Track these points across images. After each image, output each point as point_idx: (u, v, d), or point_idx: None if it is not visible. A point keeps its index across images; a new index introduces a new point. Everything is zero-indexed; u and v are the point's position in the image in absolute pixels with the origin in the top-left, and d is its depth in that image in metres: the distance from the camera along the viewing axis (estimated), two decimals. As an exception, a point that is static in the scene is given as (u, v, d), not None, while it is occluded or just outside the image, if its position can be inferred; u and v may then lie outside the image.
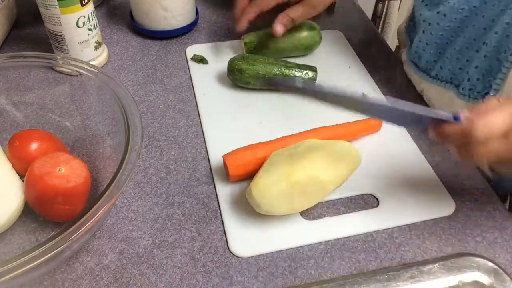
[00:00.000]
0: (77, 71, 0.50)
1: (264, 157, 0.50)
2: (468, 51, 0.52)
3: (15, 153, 0.49)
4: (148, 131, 0.58)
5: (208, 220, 0.49)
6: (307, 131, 0.55)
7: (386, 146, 0.57)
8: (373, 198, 0.52)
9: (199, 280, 0.44)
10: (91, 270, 0.45)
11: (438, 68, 0.58)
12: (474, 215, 0.50)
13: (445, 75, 0.57)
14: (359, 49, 0.72)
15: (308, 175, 0.45)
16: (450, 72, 0.56)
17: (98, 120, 0.53)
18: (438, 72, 0.58)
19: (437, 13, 0.53)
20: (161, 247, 0.47)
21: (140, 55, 0.70)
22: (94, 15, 0.63)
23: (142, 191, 0.52)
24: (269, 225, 0.48)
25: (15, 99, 0.54)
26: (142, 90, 0.64)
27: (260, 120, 0.60)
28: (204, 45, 0.72)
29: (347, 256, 0.46)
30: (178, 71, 0.68)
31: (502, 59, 0.49)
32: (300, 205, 0.47)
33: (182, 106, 0.62)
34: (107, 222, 0.48)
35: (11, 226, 0.46)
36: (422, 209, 0.51)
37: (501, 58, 0.50)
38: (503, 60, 0.49)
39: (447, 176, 0.54)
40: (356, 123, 0.57)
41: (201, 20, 0.77)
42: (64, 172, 0.44)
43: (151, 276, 0.44)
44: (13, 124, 0.53)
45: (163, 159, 0.55)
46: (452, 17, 0.52)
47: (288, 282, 0.44)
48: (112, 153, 0.49)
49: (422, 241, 0.48)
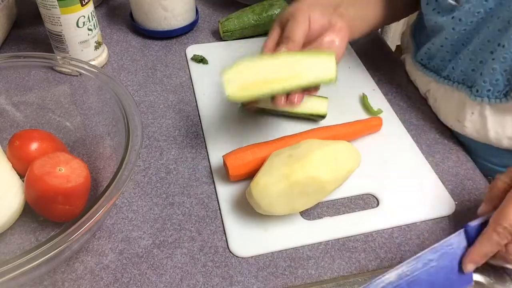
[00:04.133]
0: (77, 71, 0.50)
1: (264, 157, 0.50)
2: (482, 53, 0.52)
3: (15, 153, 0.49)
4: (148, 131, 0.58)
5: (208, 220, 0.49)
6: (307, 131, 0.55)
7: (386, 146, 0.57)
8: (373, 198, 0.52)
9: (199, 280, 0.44)
10: (91, 270, 0.45)
11: (450, 69, 0.57)
12: (474, 215, 0.50)
13: (457, 75, 0.56)
14: (359, 49, 0.72)
15: (308, 175, 0.45)
16: (463, 73, 0.55)
17: (98, 120, 0.53)
18: (450, 73, 0.57)
19: (452, 18, 0.53)
20: (161, 247, 0.47)
21: (140, 55, 0.70)
22: (94, 15, 0.63)
23: (142, 191, 0.52)
24: (269, 225, 0.48)
25: (15, 99, 0.54)
26: (142, 90, 0.64)
27: (260, 120, 0.60)
28: (204, 45, 0.72)
29: (347, 256, 0.46)
30: (178, 71, 0.68)
31: None
32: (300, 205, 0.47)
33: (182, 106, 0.62)
34: (107, 222, 0.48)
35: (11, 226, 0.46)
36: (422, 209, 0.51)
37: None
38: None
39: (447, 176, 0.54)
40: (356, 123, 0.57)
41: (201, 20, 0.77)
42: (64, 172, 0.44)
43: (151, 276, 0.44)
44: (13, 124, 0.53)
45: (163, 159, 0.55)
46: (468, 20, 0.51)
47: (288, 282, 0.44)
48: (112, 153, 0.49)
49: (422, 241, 0.48)
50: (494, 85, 0.52)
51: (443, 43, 0.56)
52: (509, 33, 0.48)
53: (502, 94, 0.52)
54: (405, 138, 0.58)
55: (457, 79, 0.56)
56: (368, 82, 0.66)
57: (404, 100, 0.64)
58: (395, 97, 0.64)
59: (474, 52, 0.53)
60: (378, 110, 0.61)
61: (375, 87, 0.65)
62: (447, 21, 0.53)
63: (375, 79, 0.67)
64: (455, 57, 0.56)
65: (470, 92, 0.54)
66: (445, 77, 0.58)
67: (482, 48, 0.52)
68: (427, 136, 0.59)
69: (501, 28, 0.49)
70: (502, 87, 0.51)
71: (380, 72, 0.68)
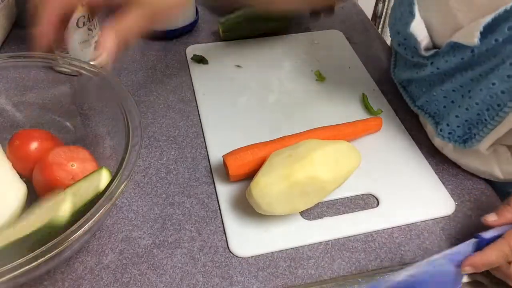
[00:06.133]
0: (77, 71, 0.50)
1: (264, 157, 0.50)
2: (454, 94, 0.51)
3: (15, 152, 0.49)
4: (148, 131, 0.58)
5: (208, 220, 0.49)
6: (307, 131, 0.55)
7: (386, 146, 0.57)
8: (373, 198, 0.52)
9: (199, 280, 0.44)
10: (91, 270, 0.45)
11: (424, 101, 0.56)
12: (474, 215, 0.50)
13: (429, 108, 0.55)
14: (359, 49, 0.72)
15: (308, 175, 0.45)
16: (435, 107, 0.54)
17: (98, 120, 0.53)
18: (423, 104, 0.56)
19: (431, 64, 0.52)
20: (161, 247, 0.47)
21: (140, 55, 0.70)
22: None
23: (142, 191, 0.52)
24: (269, 225, 0.48)
25: (15, 99, 0.54)
26: (142, 90, 0.64)
27: (260, 120, 0.60)
28: (204, 45, 0.72)
29: (347, 256, 0.46)
30: (178, 71, 0.68)
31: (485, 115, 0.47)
32: (300, 205, 0.47)
33: (182, 106, 0.62)
34: (107, 222, 0.48)
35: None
36: (422, 209, 0.51)
37: (483, 114, 0.47)
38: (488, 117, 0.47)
39: (447, 176, 0.54)
40: (356, 123, 0.57)
41: (201, 20, 0.77)
42: (75, 169, 0.44)
43: (151, 276, 0.44)
44: (13, 124, 0.53)
45: (163, 159, 0.55)
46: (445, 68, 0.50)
47: (288, 282, 0.44)
48: (112, 153, 0.49)
49: (422, 241, 0.48)
50: (454, 130, 0.51)
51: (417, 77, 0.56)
52: (479, 86, 0.46)
53: (462, 140, 0.51)
54: (405, 138, 0.58)
55: (429, 111, 0.56)
56: (368, 82, 0.66)
57: (404, 100, 0.64)
58: (395, 97, 0.64)
59: (448, 92, 0.52)
60: (378, 110, 0.61)
61: (375, 87, 0.66)
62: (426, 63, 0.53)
63: (375, 79, 0.67)
64: (429, 92, 0.54)
65: (436, 129, 0.54)
66: (419, 106, 0.58)
67: (456, 91, 0.50)
68: (427, 136, 0.59)
69: (474, 79, 0.48)
70: (461, 133, 0.51)
71: (380, 72, 0.68)
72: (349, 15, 0.81)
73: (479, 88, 0.46)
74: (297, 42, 0.74)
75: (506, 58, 0.43)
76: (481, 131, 0.48)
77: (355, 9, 0.83)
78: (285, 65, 0.70)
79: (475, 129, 0.49)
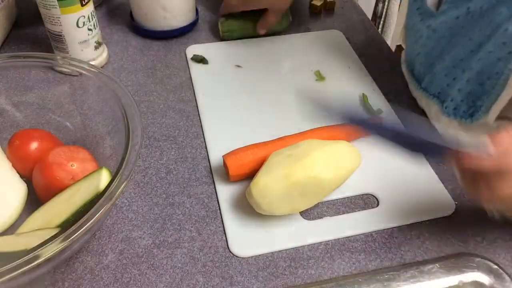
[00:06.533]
0: (77, 71, 0.50)
1: (264, 157, 0.50)
2: (455, 70, 0.52)
3: (15, 152, 0.49)
4: (148, 131, 0.58)
5: (208, 220, 0.49)
6: (307, 131, 0.55)
7: (386, 146, 0.57)
8: (373, 198, 0.52)
9: (199, 280, 0.44)
10: (91, 270, 0.45)
11: (427, 81, 0.57)
12: (474, 215, 0.50)
13: (433, 89, 0.57)
14: (359, 49, 0.72)
15: (308, 175, 0.45)
16: (438, 87, 0.56)
17: (98, 120, 0.53)
18: (427, 85, 0.58)
19: (427, 27, 0.53)
20: (161, 247, 0.47)
21: (140, 55, 0.70)
22: (94, 15, 0.63)
23: (142, 191, 0.52)
24: (269, 225, 0.48)
25: (15, 99, 0.54)
26: (142, 90, 0.64)
27: (260, 120, 0.60)
28: (204, 45, 0.72)
29: (347, 256, 0.46)
30: (178, 71, 0.68)
31: (487, 85, 0.48)
32: (300, 205, 0.47)
33: (182, 106, 0.62)
34: (107, 222, 0.48)
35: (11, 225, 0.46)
36: (422, 209, 0.51)
37: (484, 84, 0.48)
38: (489, 86, 0.48)
39: (447, 176, 0.54)
40: (356, 123, 0.57)
41: (201, 20, 0.77)
42: (75, 169, 0.44)
43: (151, 276, 0.44)
44: (13, 124, 0.53)
45: (163, 159, 0.55)
46: (441, 33, 0.51)
47: (288, 282, 0.44)
48: (112, 153, 0.49)
49: (422, 241, 0.48)
50: (459, 105, 0.52)
51: (419, 50, 0.56)
52: (477, 56, 0.47)
53: (468, 115, 0.52)
54: (405, 138, 0.58)
55: (433, 92, 0.57)
56: (368, 82, 0.66)
57: (404, 100, 0.64)
58: (395, 97, 0.64)
59: (448, 68, 0.53)
60: (378, 110, 0.61)
61: (375, 87, 0.65)
62: (423, 29, 0.53)
63: (375, 79, 0.67)
64: (432, 70, 0.56)
65: (442, 107, 0.54)
66: (423, 88, 0.58)
67: (456, 66, 0.51)
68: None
69: (473, 50, 0.48)
70: (466, 108, 0.52)
71: (380, 72, 0.68)
72: (349, 15, 0.81)
73: (477, 58, 0.47)
74: (297, 42, 0.74)
75: (500, 23, 0.43)
76: (485, 102, 0.49)
77: (355, 9, 0.83)
78: (285, 65, 0.70)
79: (479, 101, 0.50)
